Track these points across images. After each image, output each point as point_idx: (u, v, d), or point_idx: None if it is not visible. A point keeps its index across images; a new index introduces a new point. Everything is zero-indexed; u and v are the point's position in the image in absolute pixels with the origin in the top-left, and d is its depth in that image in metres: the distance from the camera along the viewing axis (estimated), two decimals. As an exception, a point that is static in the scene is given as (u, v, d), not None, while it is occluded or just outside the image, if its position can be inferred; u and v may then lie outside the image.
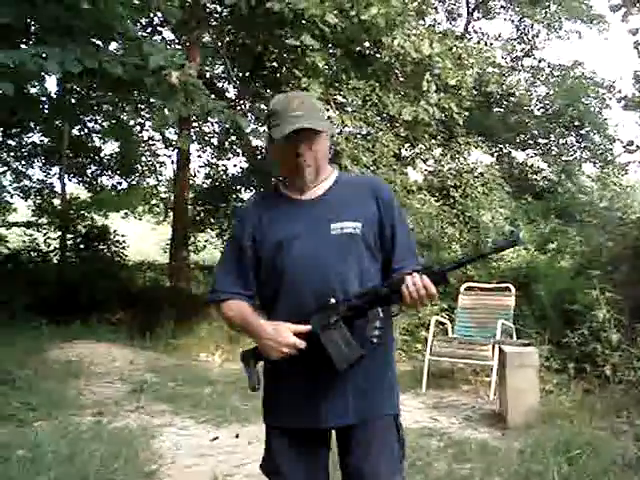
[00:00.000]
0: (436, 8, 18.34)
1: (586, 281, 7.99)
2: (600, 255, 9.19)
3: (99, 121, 17.45)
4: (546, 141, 17.81)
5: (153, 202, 21.13)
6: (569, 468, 4.44)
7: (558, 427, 5.39)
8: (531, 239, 11.81)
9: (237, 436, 5.62)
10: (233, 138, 15.27)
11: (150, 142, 19.15)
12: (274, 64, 13.50)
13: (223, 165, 17.38)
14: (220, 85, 16.91)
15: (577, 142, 17.65)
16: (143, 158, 19.56)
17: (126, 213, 20.78)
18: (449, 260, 11.10)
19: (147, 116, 15.95)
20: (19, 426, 5.61)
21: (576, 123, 16.66)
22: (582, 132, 17.12)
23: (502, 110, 16.89)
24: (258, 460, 2.47)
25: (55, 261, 15.34)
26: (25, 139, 17.28)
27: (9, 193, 18.09)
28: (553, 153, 17.64)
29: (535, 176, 17.61)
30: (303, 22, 10.55)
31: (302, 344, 2.27)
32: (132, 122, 17.07)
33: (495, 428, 5.85)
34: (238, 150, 16.28)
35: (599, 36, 20.71)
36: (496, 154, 17.53)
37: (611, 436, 5.26)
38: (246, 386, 2.47)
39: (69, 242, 15.54)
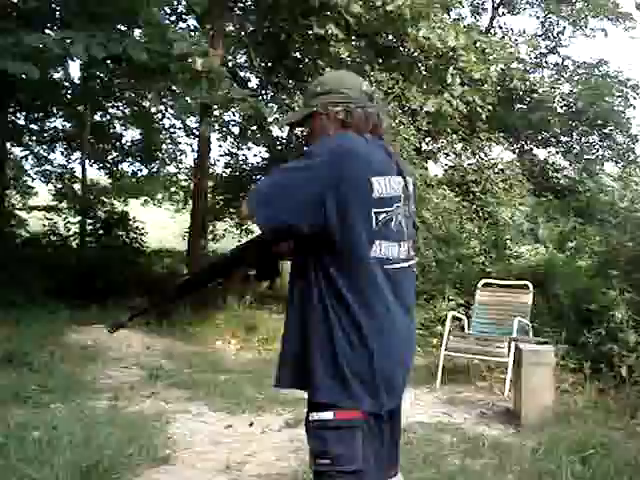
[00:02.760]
0: (461, 2, 18.21)
1: (605, 281, 7.94)
2: (619, 255, 9.12)
3: (121, 108, 17.52)
4: (568, 139, 17.70)
5: (173, 190, 21.20)
6: (582, 468, 4.42)
7: (572, 426, 5.37)
8: (551, 237, 11.76)
9: (251, 424, 5.64)
10: (254, 128, 15.28)
11: (171, 130, 19.22)
12: (297, 54, 13.50)
13: (243, 155, 17.39)
14: (242, 75, 16.92)
15: (600, 141, 17.53)
16: (164, 146, 19.62)
17: (146, 200, 20.87)
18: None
19: (169, 104, 16.00)
20: (35, 408, 5.66)
21: (599, 122, 16.54)
22: (605, 131, 17.00)
23: (525, 107, 16.79)
24: (271, 449, 2.48)
25: (74, 246, 15.43)
26: (47, 124, 17.39)
27: (30, 177, 18.25)
28: (575, 151, 17.53)
29: (556, 174, 17.49)
30: (328, 12, 10.55)
31: None
32: (154, 109, 17.13)
33: (509, 425, 5.83)
34: (259, 139, 16.29)
35: (625, 34, 20.44)
36: (517, 151, 17.46)
37: (625, 437, 5.24)
38: (261, 375, 2.50)
39: (89, 227, 15.61)
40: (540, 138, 17.59)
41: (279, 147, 15.82)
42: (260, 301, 13.00)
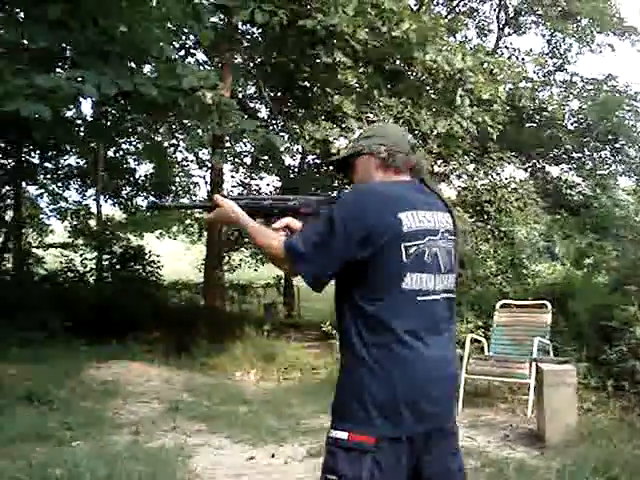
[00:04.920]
0: (467, 24, 18.37)
1: (623, 297, 7.88)
2: (637, 270, 9.06)
3: (134, 143, 17.69)
4: (580, 155, 17.67)
5: (187, 222, 21.33)
6: (609, 488, 4.37)
7: (597, 446, 5.30)
8: (567, 254, 11.71)
9: (273, 456, 5.61)
10: (266, 157, 15.39)
11: (184, 163, 19.38)
12: (306, 83, 13.60)
13: (256, 184, 17.51)
14: (252, 105, 17.07)
15: (612, 156, 17.49)
16: (177, 179, 19.79)
17: (161, 233, 21.00)
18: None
19: (181, 137, 16.15)
20: (57, 446, 5.65)
21: (610, 137, 16.51)
22: (616, 146, 16.96)
23: (535, 125, 16.80)
24: (294, 480, 2.46)
25: (91, 281, 15.52)
26: (61, 162, 17.58)
27: (46, 215, 18.41)
28: (587, 167, 17.49)
29: (570, 191, 17.46)
30: (335, 40, 10.64)
31: None
32: (166, 143, 17.29)
33: (533, 447, 5.77)
34: (271, 169, 16.40)
35: (632, 48, 20.47)
36: (530, 169, 17.44)
37: (652, 455, 5.16)
38: (281, 405, 2.50)
39: (105, 262, 15.72)
40: (552, 155, 17.58)
41: (291, 176, 15.91)
42: (278, 330, 12.99)
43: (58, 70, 9.16)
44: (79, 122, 13.11)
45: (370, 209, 2.26)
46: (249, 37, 14.76)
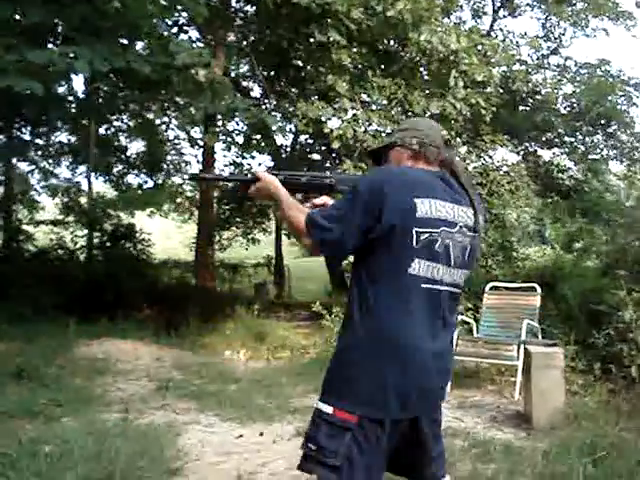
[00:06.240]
0: (461, 6, 18.28)
1: (612, 281, 7.92)
2: (627, 255, 9.10)
3: (125, 120, 17.60)
4: (572, 139, 17.67)
5: (179, 200, 21.28)
6: (594, 469, 4.40)
7: (583, 428, 5.35)
8: (557, 238, 11.74)
9: (262, 434, 5.64)
10: (258, 137, 15.34)
11: (176, 141, 19.30)
12: (299, 62, 13.54)
13: (248, 164, 17.45)
14: (245, 84, 16.99)
15: (604, 140, 17.49)
16: (169, 157, 19.72)
17: (152, 211, 20.94)
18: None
19: (173, 115, 16.08)
20: (46, 422, 5.66)
21: (603, 121, 16.51)
22: (609, 130, 16.96)
23: (528, 108, 16.77)
24: (283, 458, 2.49)
25: (82, 259, 15.48)
26: (53, 138, 17.49)
27: (37, 191, 18.33)
28: (579, 152, 17.49)
29: (561, 175, 17.48)
30: (329, 19, 10.58)
31: None
32: (158, 121, 17.21)
33: (520, 428, 5.82)
34: (264, 148, 16.34)
35: (626, 33, 20.47)
36: (522, 153, 17.44)
37: (637, 437, 5.20)
38: (270, 384, 2.53)
39: (96, 240, 15.67)
40: (544, 139, 17.57)
41: (283, 155, 15.87)
42: (269, 309, 13.02)
43: (50, 46, 9.11)
44: (71, 99, 13.06)
45: (388, 186, 2.28)
46: (242, 15, 14.67)
